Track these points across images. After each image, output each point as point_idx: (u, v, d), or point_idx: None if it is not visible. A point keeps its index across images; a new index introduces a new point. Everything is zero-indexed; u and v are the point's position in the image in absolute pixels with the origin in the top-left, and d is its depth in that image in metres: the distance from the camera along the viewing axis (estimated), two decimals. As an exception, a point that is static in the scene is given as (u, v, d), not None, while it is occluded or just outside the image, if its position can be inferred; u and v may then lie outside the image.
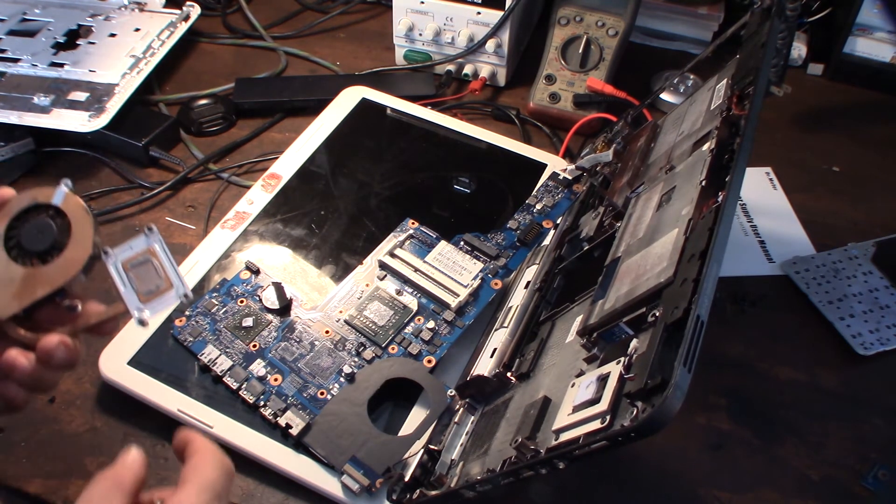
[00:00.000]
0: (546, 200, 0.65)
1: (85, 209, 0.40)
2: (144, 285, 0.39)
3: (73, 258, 0.39)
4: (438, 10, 0.81)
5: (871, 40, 0.84)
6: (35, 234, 0.39)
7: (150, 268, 0.40)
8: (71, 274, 0.38)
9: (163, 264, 0.40)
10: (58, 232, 0.39)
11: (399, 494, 0.47)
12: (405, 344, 0.55)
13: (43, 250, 0.39)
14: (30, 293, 0.38)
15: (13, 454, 0.51)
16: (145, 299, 0.39)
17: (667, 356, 0.35)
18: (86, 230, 0.39)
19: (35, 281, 0.38)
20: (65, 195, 0.40)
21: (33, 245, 0.39)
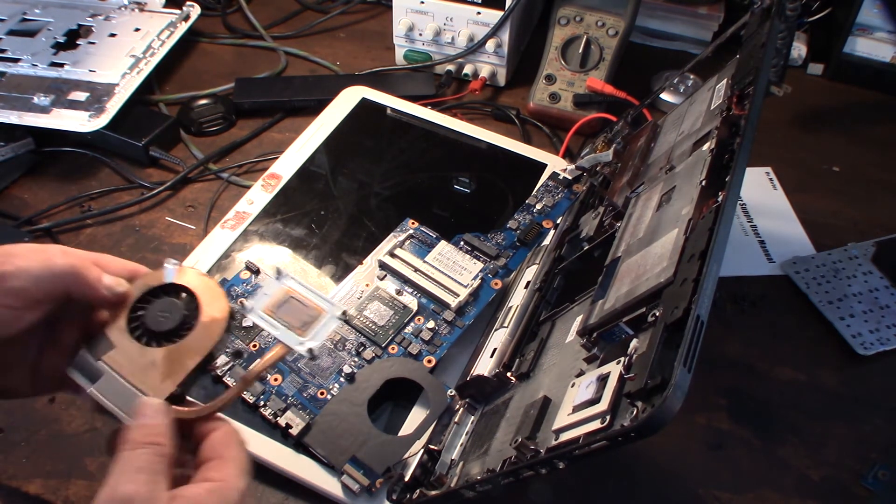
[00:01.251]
0: (546, 200, 0.65)
1: (204, 275, 0.41)
2: (297, 320, 0.41)
3: (212, 321, 0.39)
4: (438, 10, 0.81)
5: (871, 40, 0.84)
6: (161, 316, 0.39)
7: (294, 304, 0.41)
8: (215, 336, 0.39)
9: (304, 298, 0.41)
10: (185, 306, 0.39)
11: (399, 494, 0.47)
12: (405, 344, 0.55)
13: (174, 328, 0.39)
14: (179, 368, 0.38)
15: (13, 454, 0.51)
16: (303, 332, 0.40)
17: (667, 356, 0.35)
18: (215, 292, 0.40)
19: (179, 356, 0.38)
20: (176, 272, 0.40)
21: (163, 326, 0.39)
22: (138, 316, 0.39)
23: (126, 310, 0.39)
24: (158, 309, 0.39)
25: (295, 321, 0.40)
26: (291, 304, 0.41)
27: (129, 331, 0.39)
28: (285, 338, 0.40)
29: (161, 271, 0.40)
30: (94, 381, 0.38)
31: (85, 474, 0.51)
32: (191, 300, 0.40)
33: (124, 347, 0.38)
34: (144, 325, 0.39)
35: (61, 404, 0.54)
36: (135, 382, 0.38)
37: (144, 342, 0.39)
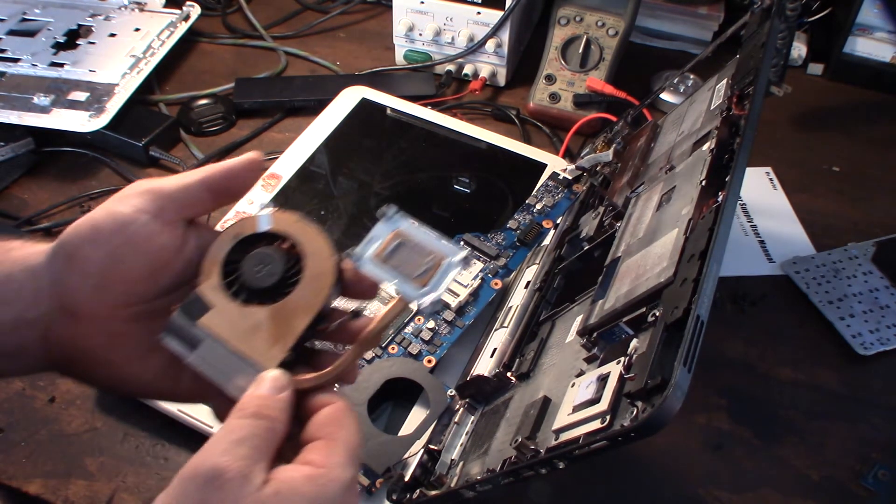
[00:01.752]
0: (546, 200, 0.65)
1: (305, 221, 0.35)
2: (413, 267, 0.34)
3: (319, 274, 0.34)
4: (438, 10, 0.81)
5: (871, 40, 0.84)
6: (259, 271, 0.34)
7: (409, 249, 0.35)
8: (325, 291, 0.34)
9: (419, 241, 0.35)
10: (285, 258, 0.35)
11: (399, 494, 0.47)
12: (405, 344, 0.55)
13: (276, 283, 0.34)
14: (288, 330, 0.34)
15: (13, 454, 0.51)
16: (423, 282, 0.34)
17: (667, 356, 0.35)
18: (318, 240, 0.35)
19: (286, 316, 0.34)
20: (271, 217, 0.35)
21: (264, 282, 0.34)
22: (233, 271, 0.35)
23: (219, 264, 0.34)
24: (255, 262, 0.34)
25: (411, 269, 0.34)
26: (406, 250, 0.35)
27: (225, 288, 0.34)
28: (403, 289, 0.34)
29: (253, 218, 0.35)
30: (194, 349, 0.33)
31: (85, 474, 0.51)
32: (291, 250, 0.35)
33: (223, 308, 0.34)
34: (242, 281, 0.34)
35: (61, 404, 0.54)
36: (240, 349, 0.33)
37: (244, 301, 0.34)
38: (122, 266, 0.33)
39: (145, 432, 0.53)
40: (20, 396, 0.55)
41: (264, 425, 0.30)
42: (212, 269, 0.34)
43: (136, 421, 0.53)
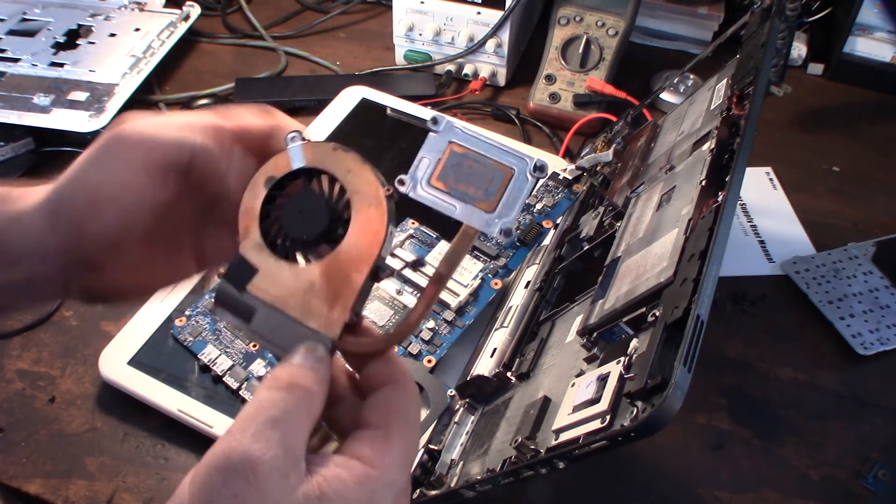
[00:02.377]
0: (546, 200, 0.65)
1: (343, 149, 0.30)
2: (478, 188, 0.29)
3: (371, 212, 0.29)
4: (438, 10, 0.81)
5: (871, 40, 0.84)
6: (302, 219, 0.29)
7: (469, 164, 0.29)
8: (381, 233, 0.28)
9: (480, 152, 0.29)
10: (328, 198, 0.29)
11: (399, 494, 0.47)
12: (405, 344, 0.55)
13: (324, 230, 0.29)
14: (347, 286, 0.28)
15: (13, 454, 0.51)
16: (491, 205, 0.29)
17: (667, 356, 0.35)
18: (363, 172, 0.29)
19: (341, 269, 0.29)
20: (303, 150, 0.30)
21: (310, 231, 0.29)
22: (273, 222, 0.30)
23: (255, 218, 0.29)
24: (295, 209, 0.29)
25: (475, 189, 0.28)
26: (466, 166, 0.29)
27: (269, 245, 0.29)
28: (469, 216, 0.28)
29: (284, 154, 0.30)
30: (249, 320, 0.29)
31: (85, 474, 0.51)
32: (333, 188, 0.29)
33: (270, 269, 0.29)
34: (284, 234, 0.29)
35: (61, 404, 0.54)
36: (297, 316, 0.29)
37: (291, 257, 0.29)
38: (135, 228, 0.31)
39: (145, 432, 0.53)
40: (20, 396, 0.55)
41: (300, 399, 0.26)
42: (250, 223, 0.30)
43: (136, 421, 0.53)
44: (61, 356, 0.57)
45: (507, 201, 0.29)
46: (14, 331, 0.58)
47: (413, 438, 0.28)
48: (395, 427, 0.27)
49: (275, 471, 0.24)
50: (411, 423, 0.28)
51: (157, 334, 0.56)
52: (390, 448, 0.26)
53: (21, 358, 0.57)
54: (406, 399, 0.28)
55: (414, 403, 0.28)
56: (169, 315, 0.57)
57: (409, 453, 0.27)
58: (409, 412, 0.28)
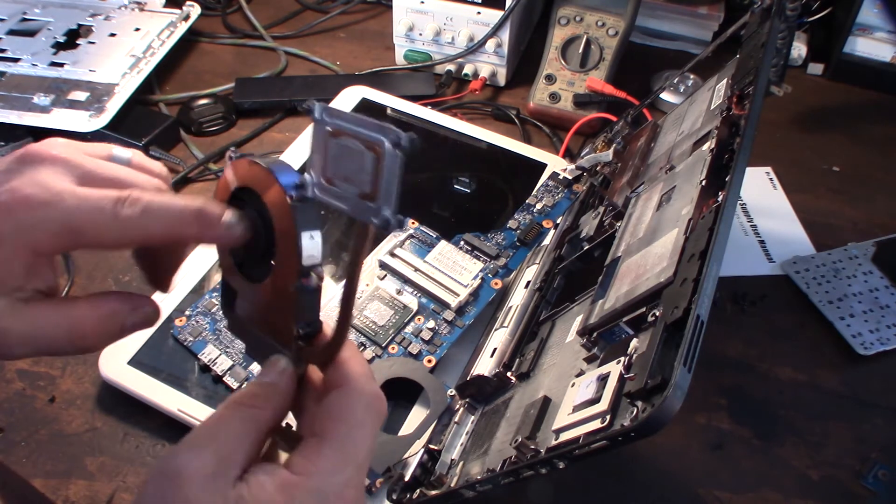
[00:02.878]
0: (546, 200, 0.65)
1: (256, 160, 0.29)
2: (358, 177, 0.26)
3: (285, 224, 0.29)
4: (438, 10, 0.81)
5: (871, 40, 0.84)
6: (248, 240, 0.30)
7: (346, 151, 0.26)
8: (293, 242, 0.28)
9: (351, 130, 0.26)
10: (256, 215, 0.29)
11: (399, 494, 0.47)
12: (405, 344, 0.55)
13: (264, 248, 0.30)
14: (286, 299, 0.29)
15: (13, 454, 0.51)
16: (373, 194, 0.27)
17: (667, 356, 0.35)
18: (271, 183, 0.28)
19: (280, 283, 0.30)
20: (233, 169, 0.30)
21: (255, 250, 0.30)
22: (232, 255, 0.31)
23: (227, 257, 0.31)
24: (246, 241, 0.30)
25: (356, 179, 0.26)
26: (345, 154, 0.26)
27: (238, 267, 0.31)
28: (358, 211, 0.26)
29: (226, 173, 0.31)
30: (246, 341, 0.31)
31: (85, 474, 0.51)
32: (259, 204, 0.29)
33: (244, 290, 0.31)
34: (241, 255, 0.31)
35: (61, 404, 0.54)
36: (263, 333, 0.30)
37: (253, 278, 0.31)
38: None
39: (145, 432, 0.53)
40: (20, 396, 0.55)
41: (244, 415, 0.28)
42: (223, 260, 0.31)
43: (137, 421, 0.53)
44: (61, 356, 0.57)
45: (384, 186, 0.26)
46: (14, 331, 0.58)
47: (355, 443, 0.28)
48: (329, 433, 0.28)
49: (200, 477, 0.26)
50: (353, 427, 0.28)
51: (157, 334, 0.56)
52: (319, 456, 0.27)
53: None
54: (347, 403, 0.28)
55: (359, 406, 0.28)
56: (169, 315, 0.57)
57: (346, 459, 0.27)
58: (350, 417, 0.28)
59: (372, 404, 0.29)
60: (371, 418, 0.29)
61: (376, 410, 0.29)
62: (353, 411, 0.28)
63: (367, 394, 0.29)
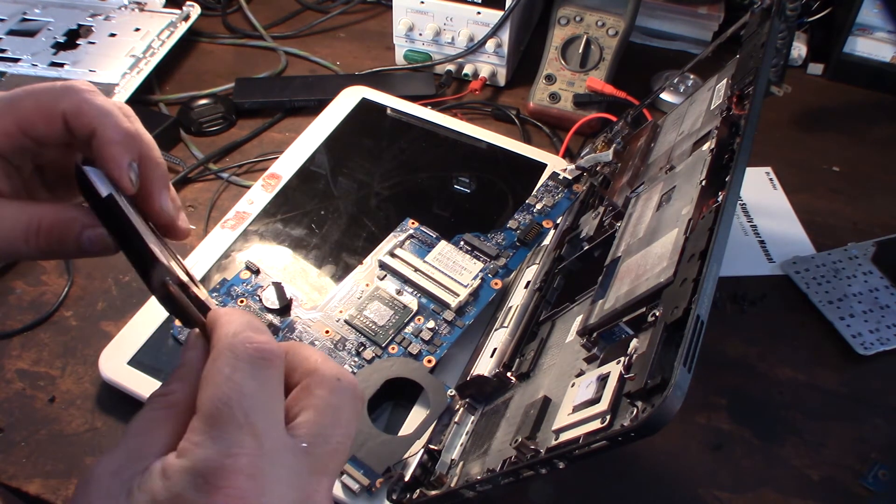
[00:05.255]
0: (546, 200, 0.65)
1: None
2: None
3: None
4: (438, 10, 0.81)
5: (871, 40, 0.84)
6: None
7: None
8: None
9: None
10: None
11: (399, 494, 0.47)
12: (405, 344, 0.55)
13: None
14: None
15: (13, 454, 0.51)
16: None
17: (667, 356, 0.35)
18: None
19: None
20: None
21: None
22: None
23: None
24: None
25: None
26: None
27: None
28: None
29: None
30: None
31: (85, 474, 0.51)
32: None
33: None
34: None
35: (61, 404, 0.54)
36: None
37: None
38: None
39: (145, 432, 0.53)
40: (20, 396, 0.55)
41: (155, 404, 0.27)
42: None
43: (136, 421, 0.53)
44: (61, 356, 0.57)
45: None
46: (14, 331, 0.58)
47: (224, 405, 0.25)
48: (199, 404, 0.26)
49: (104, 477, 0.25)
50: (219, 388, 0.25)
51: (157, 334, 0.56)
52: (190, 430, 0.25)
53: (21, 358, 0.57)
54: (211, 366, 0.26)
55: (223, 364, 0.26)
56: (169, 315, 0.57)
57: (216, 426, 0.25)
58: (213, 378, 0.26)
59: (241, 354, 0.26)
60: (242, 372, 0.25)
61: (249, 359, 0.26)
62: (216, 370, 0.26)
63: (233, 345, 0.26)
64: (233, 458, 0.24)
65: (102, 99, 0.32)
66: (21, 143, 0.32)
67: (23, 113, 0.31)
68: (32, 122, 0.32)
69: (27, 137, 0.32)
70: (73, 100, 0.31)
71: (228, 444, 0.24)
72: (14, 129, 0.31)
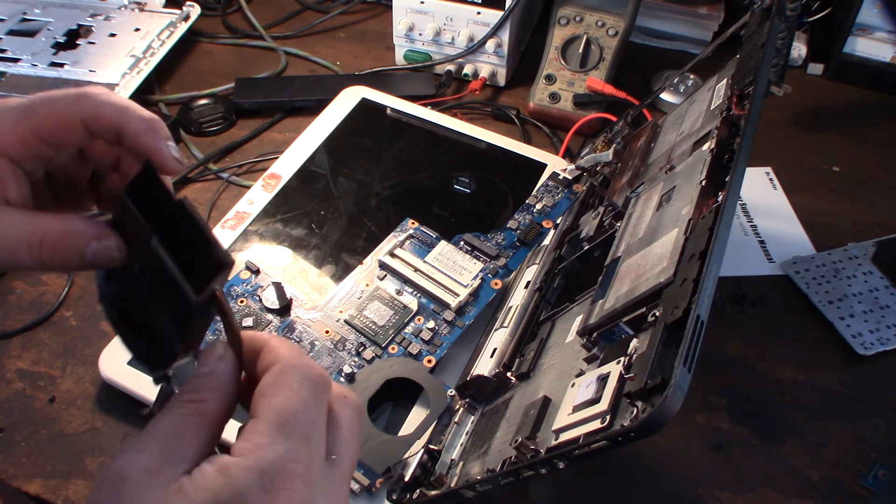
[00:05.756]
0: (546, 200, 0.65)
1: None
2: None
3: None
4: (438, 10, 0.81)
5: (871, 40, 0.84)
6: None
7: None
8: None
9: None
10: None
11: (399, 494, 0.47)
12: (405, 344, 0.55)
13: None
14: None
15: (13, 454, 0.51)
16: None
17: (667, 356, 0.35)
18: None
19: None
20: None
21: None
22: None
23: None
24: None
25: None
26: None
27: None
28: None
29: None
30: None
31: (85, 474, 0.51)
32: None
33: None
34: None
35: (61, 404, 0.54)
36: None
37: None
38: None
39: (145, 432, 0.53)
40: (20, 396, 0.55)
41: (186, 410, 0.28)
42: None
43: (136, 421, 0.53)
44: (61, 356, 0.57)
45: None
46: (14, 331, 0.58)
47: (290, 414, 0.27)
48: (262, 410, 0.27)
49: (141, 475, 0.26)
50: (286, 400, 0.28)
51: (157, 334, 0.56)
52: (254, 433, 0.27)
53: (21, 358, 0.57)
54: (277, 379, 0.28)
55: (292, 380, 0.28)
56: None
57: (281, 432, 0.27)
58: (281, 391, 0.28)
59: (307, 375, 0.29)
60: (307, 391, 0.28)
61: (312, 381, 0.29)
62: (285, 385, 0.28)
63: (298, 366, 0.29)
64: (294, 462, 0.26)
65: (115, 97, 0.33)
66: (38, 151, 0.32)
67: (40, 120, 0.32)
68: (50, 129, 0.32)
69: (45, 144, 0.32)
70: (88, 104, 0.32)
71: (293, 451, 0.27)
72: (31, 136, 0.32)
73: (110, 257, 0.31)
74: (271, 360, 0.29)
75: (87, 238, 0.31)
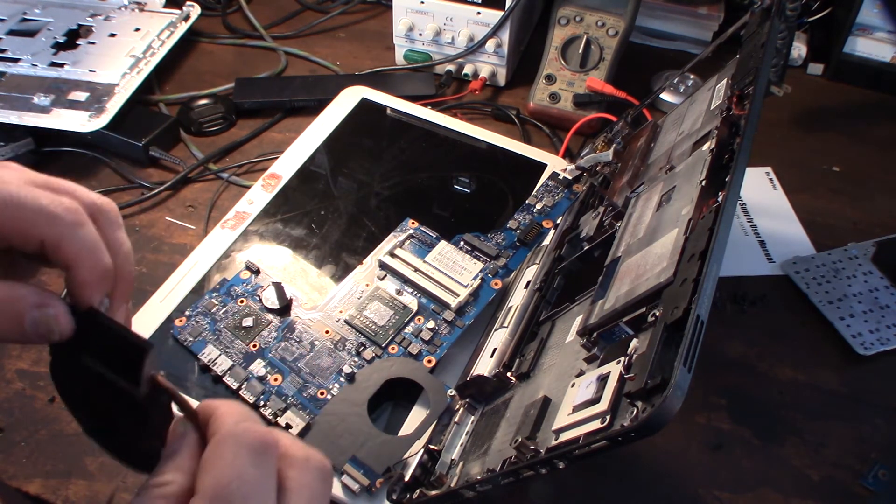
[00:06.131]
0: (546, 200, 0.65)
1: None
2: None
3: None
4: (438, 10, 0.81)
5: (871, 40, 0.84)
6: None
7: None
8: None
9: None
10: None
11: (399, 494, 0.47)
12: (405, 344, 0.55)
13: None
14: None
15: (13, 454, 0.51)
16: None
17: (667, 356, 0.35)
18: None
19: None
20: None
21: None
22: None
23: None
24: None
25: None
26: None
27: None
28: None
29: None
30: None
31: (85, 474, 0.51)
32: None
33: None
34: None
35: (61, 404, 0.54)
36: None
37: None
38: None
39: (145, 432, 0.53)
40: (20, 396, 0.55)
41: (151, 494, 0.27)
42: None
43: (136, 421, 0.53)
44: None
45: None
46: (14, 331, 0.58)
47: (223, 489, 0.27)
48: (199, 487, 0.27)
49: None
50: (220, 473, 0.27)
51: (157, 334, 0.56)
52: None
53: (21, 358, 0.57)
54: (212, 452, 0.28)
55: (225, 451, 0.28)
56: (169, 315, 0.57)
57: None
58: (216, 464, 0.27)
59: (243, 443, 0.27)
60: (242, 458, 0.27)
61: (249, 448, 0.27)
62: (219, 457, 0.27)
63: (235, 434, 0.28)
64: None
65: (84, 233, 0.31)
66: None
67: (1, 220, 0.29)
68: (8, 233, 0.30)
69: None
70: (54, 232, 0.30)
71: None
72: None
73: (48, 329, 0.29)
74: (213, 431, 0.29)
75: (27, 306, 0.29)
